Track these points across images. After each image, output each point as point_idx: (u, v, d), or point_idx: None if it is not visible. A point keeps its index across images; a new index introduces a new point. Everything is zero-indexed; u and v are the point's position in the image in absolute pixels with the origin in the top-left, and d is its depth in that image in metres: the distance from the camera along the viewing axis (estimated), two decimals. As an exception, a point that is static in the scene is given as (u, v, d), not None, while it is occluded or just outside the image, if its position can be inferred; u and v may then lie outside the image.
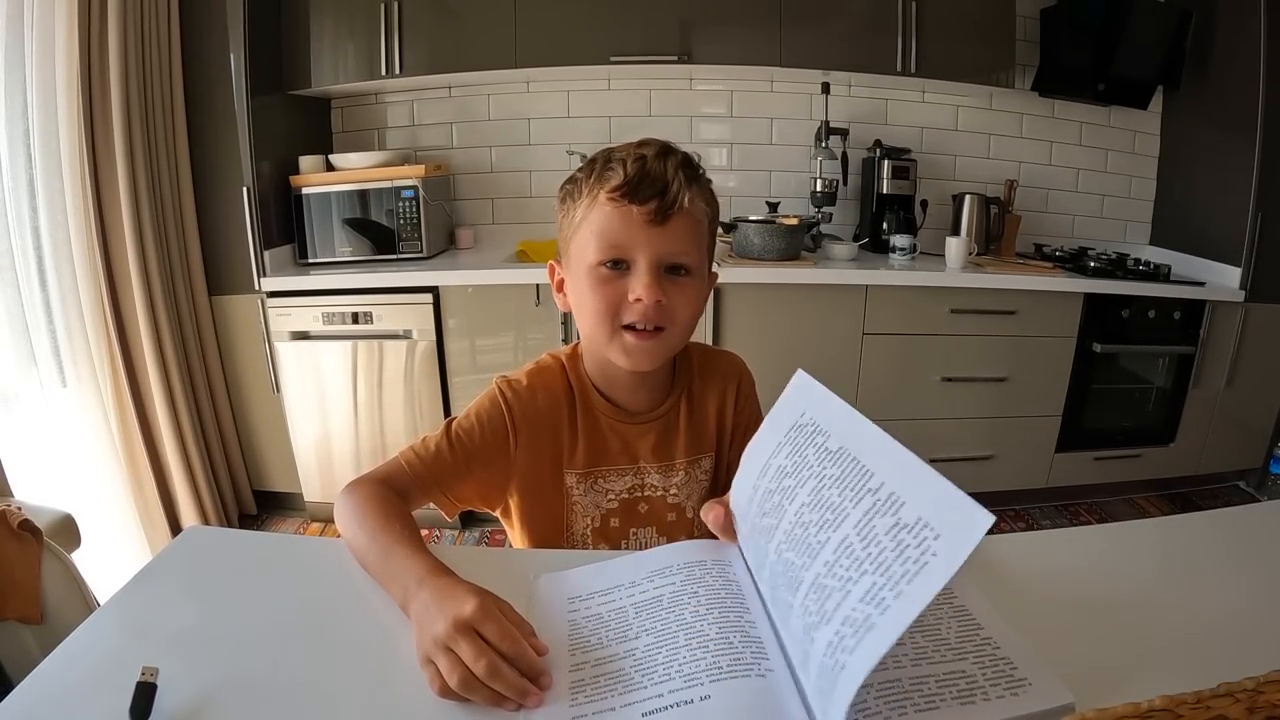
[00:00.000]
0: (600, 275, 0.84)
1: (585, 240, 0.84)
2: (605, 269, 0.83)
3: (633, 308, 0.83)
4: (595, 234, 0.83)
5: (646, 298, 0.82)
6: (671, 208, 0.82)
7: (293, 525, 2.60)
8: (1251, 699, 0.43)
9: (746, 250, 2.44)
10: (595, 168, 0.86)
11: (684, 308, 0.86)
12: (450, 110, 2.78)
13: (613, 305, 0.84)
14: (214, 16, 2.26)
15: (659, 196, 0.82)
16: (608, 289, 0.83)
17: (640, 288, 0.82)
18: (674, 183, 0.82)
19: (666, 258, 0.84)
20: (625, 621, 0.62)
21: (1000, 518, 2.74)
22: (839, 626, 0.48)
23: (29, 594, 1.28)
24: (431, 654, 0.57)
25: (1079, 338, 2.47)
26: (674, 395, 0.96)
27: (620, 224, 0.82)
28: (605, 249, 0.83)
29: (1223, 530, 0.85)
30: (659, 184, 0.82)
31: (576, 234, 0.86)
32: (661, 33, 2.43)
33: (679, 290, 0.85)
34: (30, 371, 2.00)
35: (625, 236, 0.82)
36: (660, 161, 0.83)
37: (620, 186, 0.82)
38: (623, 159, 0.83)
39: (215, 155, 2.35)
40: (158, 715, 0.53)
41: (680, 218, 0.83)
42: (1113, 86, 2.70)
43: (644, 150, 0.84)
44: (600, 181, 0.84)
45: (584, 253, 0.84)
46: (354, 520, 0.76)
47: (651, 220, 0.82)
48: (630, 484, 0.94)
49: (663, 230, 0.82)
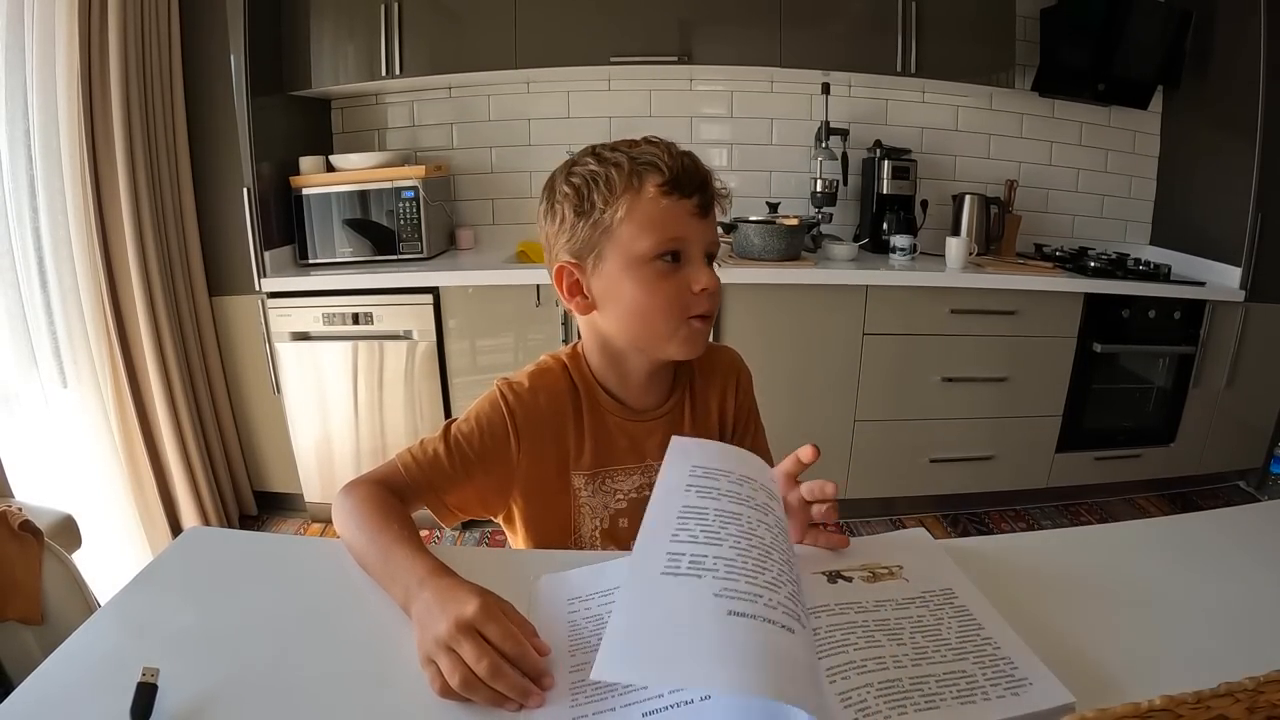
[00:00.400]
0: (657, 270, 0.84)
1: (632, 235, 0.83)
2: (662, 262, 0.84)
3: (698, 298, 0.85)
4: (648, 227, 0.83)
5: (712, 285, 0.85)
6: (713, 200, 0.86)
7: (293, 526, 2.61)
8: (1252, 699, 0.43)
9: (747, 250, 2.44)
10: (621, 164, 0.84)
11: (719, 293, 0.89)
12: (450, 111, 2.78)
13: (677, 298, 0.85)
14: (214, 17, 2.26)
15: (701, 189, 0.85)
16: (668, 283, 0.84)
17: (705, 278, 0.84)
18: (709, 176, 0.86)
19: (711, 247, 0.87)
20: (625, 621, 0.62)
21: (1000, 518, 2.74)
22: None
23: (30, 595, 1.28)
24: (433, 654, 0.57)
25: (1079, 338, 2.47)
26: (678, 392, 0.97)
27: (674, 216, 0.83)
28: (663, 241, 0.83)
29: (1223, 530, 0.85)
30: (700, 176, 0.85)
31: (617, 230, 0.84)
32: (662, 33, 2.43)
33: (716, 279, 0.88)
34: (31, 372, 2.00)
35: (681, 228, 0.84)
36: (688, 157, 0.86)
37: (669, 180, 0.83)
38: (654, 154, 0.84)
39: (216, 156, 2.36)
40: (158, 716, 0.53)
41: (714, 209, 0.87)
42: (1113, 86, 2.71)
43: (667, 146, 0.86)
44: (638, 176, 0.84)
45: (630, 248, 0.83)
46: (353, 521, 0.76)
47: (698, 212, 0.85)
48: (639, 483, 0.94)
49: (706, 221, 0.86)
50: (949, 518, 2.62)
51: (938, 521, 2.60)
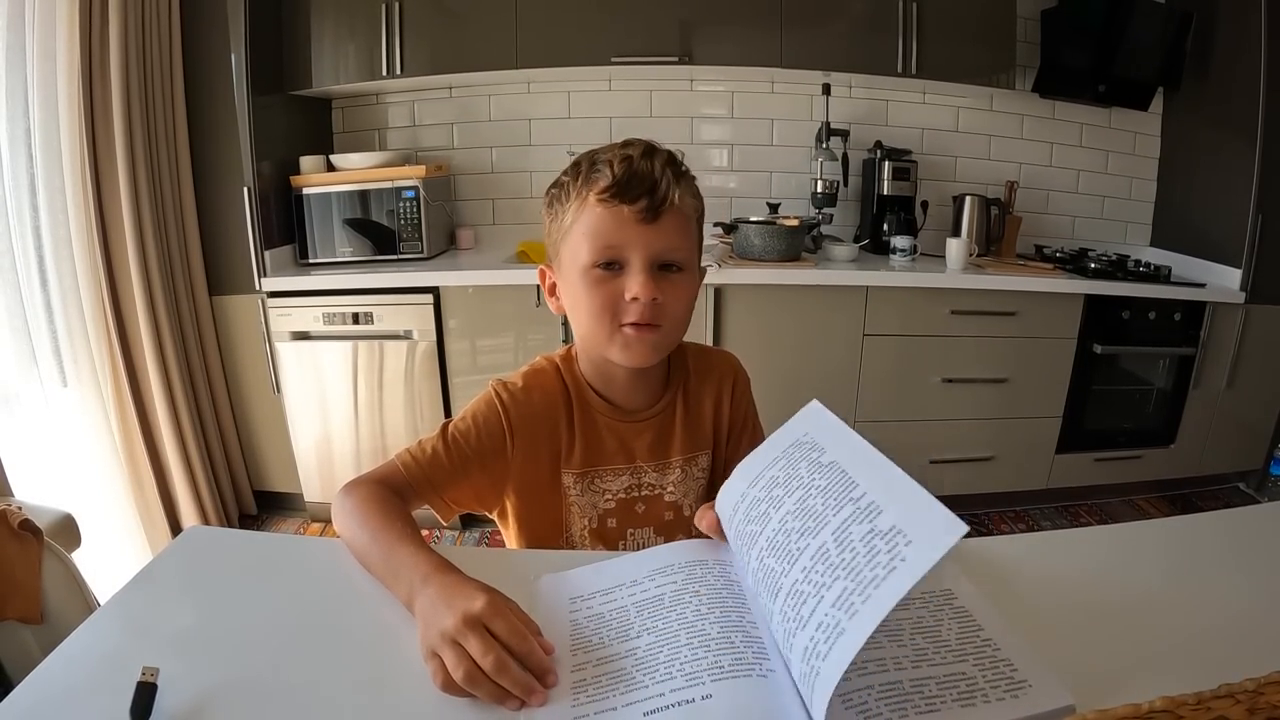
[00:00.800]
0: (595, 276, 0.84)
1: (577, 243, 0.84)
2: (600, 270, 0.83)
3: (629, 307, 0.83)
4: (587, 235, 0.83)
5: (643, 295, 0.82)
6: (662, 205, 0.82)
7: (293, 525, 2.60)
8: (1252, 700, 0.43)
9: (747, 251, 2.44)
10: (581, 170, 0.86)
11: (678, 303, 0.86)
12: (451, 111, 2.78)
13: (609, 305, 0.84)
14: (215, 16, 2.26)
15: (649, 194, 0.82)
16: (603, 289, 0.83)
17: (636, 286, 0.82)
18: (662, 180, 0.83)
19: (660, 255, 0.84)
20: (627, 621, 0.62)
21: (1000, 519, 2.73)
22: (813, 632, 0.49)
23: (30, 594, 1.28)
24: (437, 647, 0.57)
25: (1079, 339, 2.47)
26: (669, 393, 0.97)
27: (612, 224, 0.82)
28: (599, 250, 0.83)
29: (1223, 531, 0.85)
30: (647, 182, 0.82)
31: (567, 237, 0.86)
32: (662, 34, 2.43)
33: (673, 287, 0.85)
34: (30, 371, 2.00)
35: (618, 236, 0.82)
36: (647, 160, 0.83)
37: (610, 187, 0.82)
38: (609, 160, 0.83)
39: (216, 155, 2.36)
40: (158, 715, 0.53)
41: (670, 215, 0.83)
42: (1113, 88, 2.71)
43: (629, 150, 0.84)
44: (588, 183, 0.84)
45: (576, 255, 0.84)
46: (354, 520, 0.76)
47: (643, 219, 0.82)
48: (627, 483, 0.94)
49: (654, 228, 0.83)
50: (949, 519, 2.61)
51: (937, 522, 2.59)
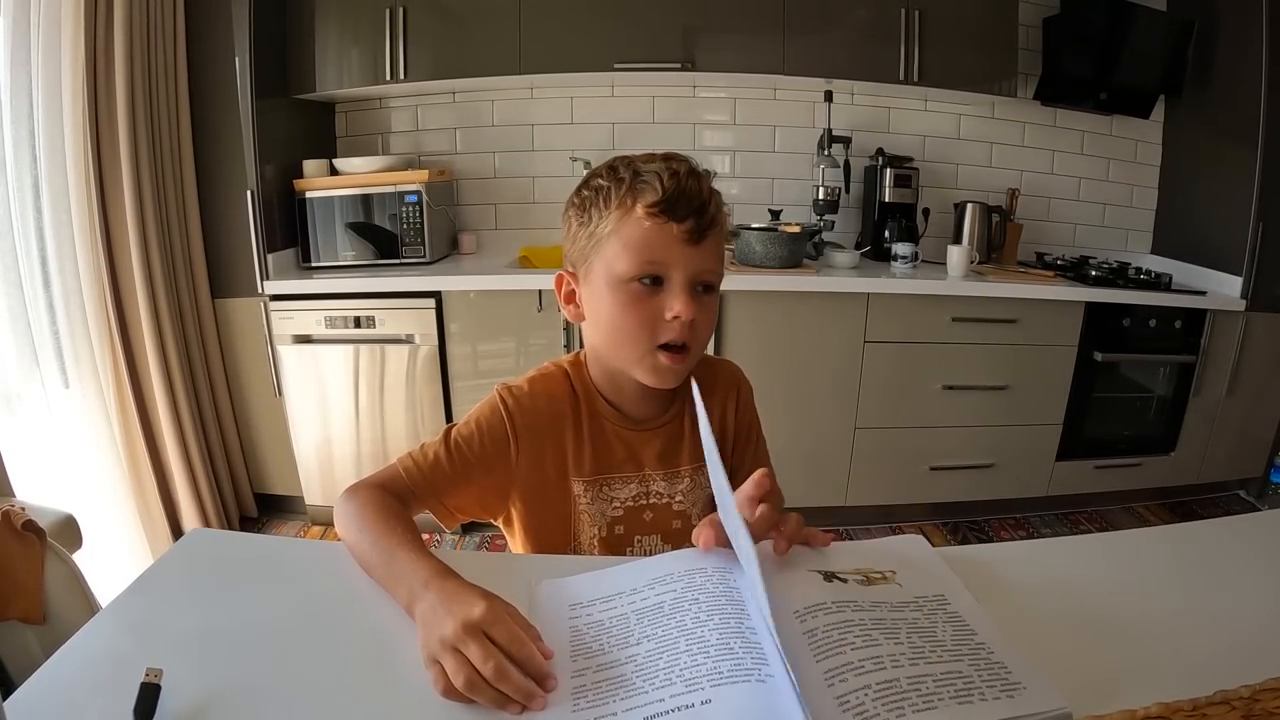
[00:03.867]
0: (633, 291, 0.83)
1: (615, 253, 0.83)
2: (640, 285, 0.83)
3: (669, 326, 0.83)
4: (629, 247, 0.82)
5: (685, 315, 0.81)
6: (709, 227, 0.83)
7: (293, 528, 2.60)
8: (1247, 706, 0.43)
9: (748, 258, 2.45)
10: (623, 179, 0.84)
11: (707, 325, 0.86)
12: (454, 115, 2.79)
13: (648, 323, 0.83)
14: (219, 20, 2.27)
15: (696, 215, 0.82)
16: (642, 306, 0.83)
17: (679, 305, 0.82)
18: (710, 202, 0.83)
19: (699, 276, 0.84)
20: (627, 628, 0.62)
21: (1001, 526, 2.74)
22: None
23: (32, 594, 1.28)
24: (438, 654, 0.58)
25: (1080, 346, 2.47)
26: (678, 403, 0.96)
27: (658, 239, 0.82)
28: (642, 264, 0.82)
29: (1222, 539, 0.85)
30: (696, 202, 0.82)
31: (603, 245, 0.84)
32: (665, 40, 2.44)
33: (704, 308, 0.85)
34: (33, 372, 2.00)
35: (663, 253, 0.82)
36: (694, 180, 0.83)
37: (660, 202, 0.81)
38: (657, 173, 0.83)
39: (219, 158, 2.36)
40: (161, 716, 0.53)
41: (713, 236, 0.84)
42: (1115, 95, 2.71)
43: (675, 166, 0.84)
44: (633, 193, 0.83)
45: (612, 265, 0.83)
46: (355, 524, 0.77)
47: (689, 239, 0.82)
48: (635, 491, 0.94)
49: (698, 249, 0.83)
50: (949, 526, 2.62)
51: (938, 529, 2.60)
